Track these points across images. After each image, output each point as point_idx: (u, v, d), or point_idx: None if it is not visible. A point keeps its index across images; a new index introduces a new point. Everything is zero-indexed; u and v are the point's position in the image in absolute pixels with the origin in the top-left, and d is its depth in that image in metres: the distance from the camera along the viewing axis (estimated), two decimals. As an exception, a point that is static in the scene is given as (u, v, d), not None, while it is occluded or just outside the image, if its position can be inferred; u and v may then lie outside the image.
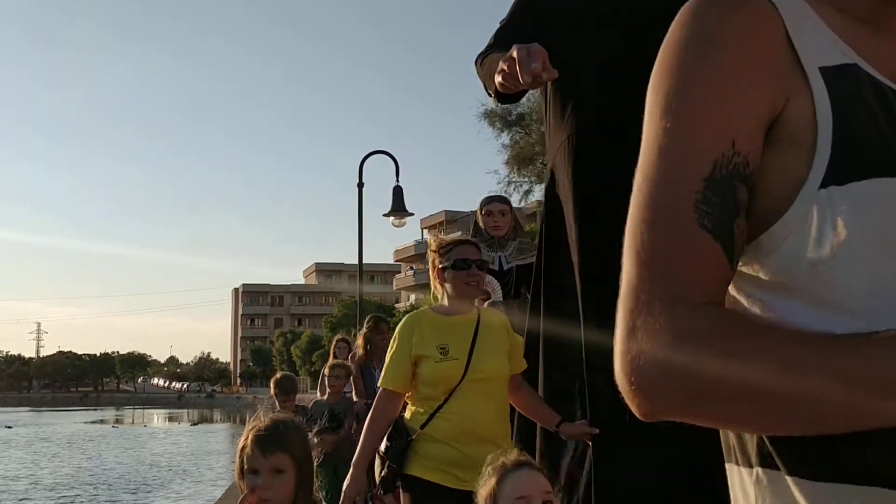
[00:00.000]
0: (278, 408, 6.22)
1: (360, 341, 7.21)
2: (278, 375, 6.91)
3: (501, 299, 5.87)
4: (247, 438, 2.28)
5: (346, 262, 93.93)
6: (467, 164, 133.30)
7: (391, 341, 3.38)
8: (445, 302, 3.37)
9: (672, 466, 2.59)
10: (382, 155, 15.16)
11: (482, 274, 3.37)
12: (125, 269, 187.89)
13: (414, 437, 3.20)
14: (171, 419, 63.04)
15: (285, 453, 2.25)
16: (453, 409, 3.19)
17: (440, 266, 3.33)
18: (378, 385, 3.33)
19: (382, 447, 3.23)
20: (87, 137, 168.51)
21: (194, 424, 53.55)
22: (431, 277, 3.41)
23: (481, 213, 6.00)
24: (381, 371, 6.76)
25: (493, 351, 3.29)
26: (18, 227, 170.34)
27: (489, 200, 6.09)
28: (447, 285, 3.33)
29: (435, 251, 3.37)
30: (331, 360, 7.55)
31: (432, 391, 3.22)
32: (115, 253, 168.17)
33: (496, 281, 5.92)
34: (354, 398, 7.20)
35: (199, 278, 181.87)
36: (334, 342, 9.00)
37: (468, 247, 3.38)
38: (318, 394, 6.95)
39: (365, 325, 7.18)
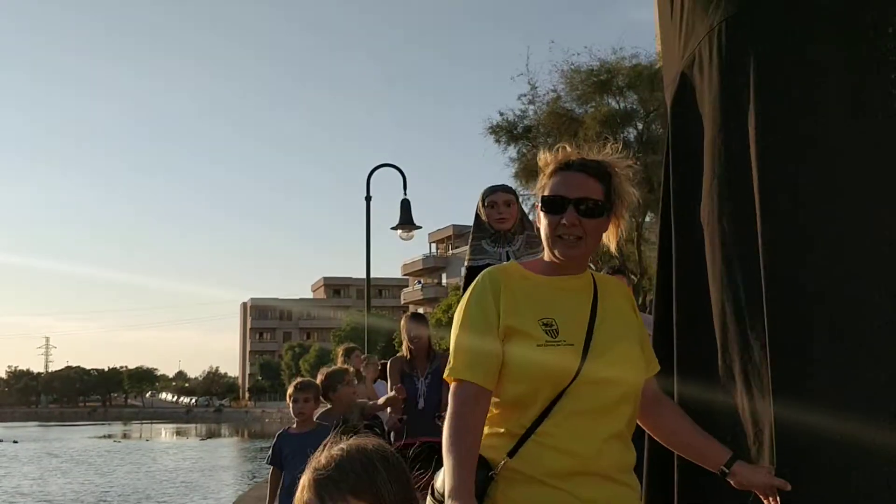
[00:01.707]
0: (293, 414, 5.27)
1: (404, 340, 5.92)
2: (298, 379, 5.63)
3: None
4: (304, 487, 1.56)
5: (353, 276, 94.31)
6: (475, 178, 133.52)
7: (460, 309, 2.18)
8: (545, 255, 2.20)
9: None
10: (390, 168, 15.17)
11: (588, 225, 2.11)
12: (134, 286, 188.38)
13: (495, 471, 2.01)
14: (179, 434, 62.96)
15: (362, 501, 1.50)
16: (559, 427, 2.01)
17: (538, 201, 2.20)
18: (449, 376, 2.09)
19: (441, 484, 2.02)
20: (92, 163, 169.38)
21: (203, 439, 53.45)
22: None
23: (483, 204, 5.43)
24: (426, 379, 5.92)
25: (620, 336, 2.13)
26: (27, 252, 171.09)
27: (492, 190, 5.50)
28: (542, 231, 2.18)
29: (541, 171, 2.23)
30: (339, 365, 6.73)
31: (527, 392, 2.02)
32: (126, 278, 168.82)
33: None
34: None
35: (208, 294, 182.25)
36: (342, 349, 8.05)
37: (571, 175, 2.13)
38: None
39: (405, 320, 5.93)
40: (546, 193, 2.15)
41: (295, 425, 5.33)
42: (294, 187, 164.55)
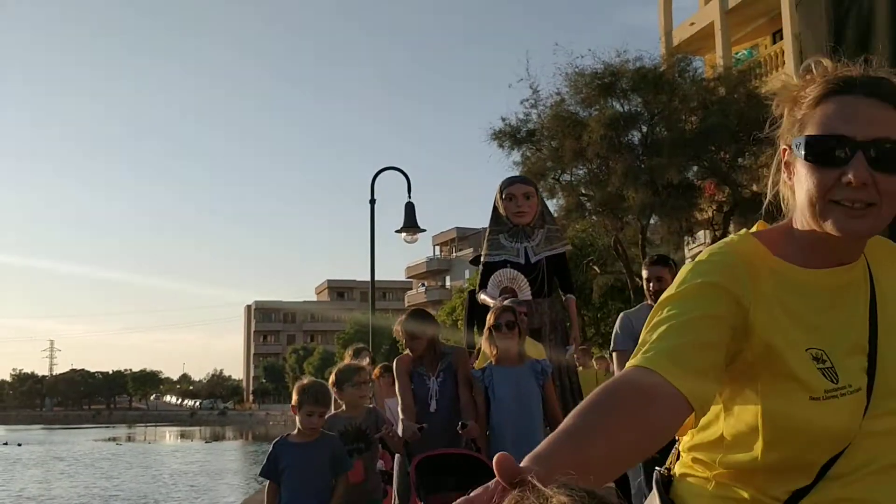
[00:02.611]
0: (299, 424, 4.59)
1: (402, 334, 5.03)
2: (306, 381, 4.76)
3: (530, 297, 5.24)
4: None
5: (357, 279, 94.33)
6: (479, 181, 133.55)
7: (674, 287, 1.38)
8: (797, 223, 1.40)
9: None
10: (394, 171, 15.20)
11: (887, 184, 1.29)
12: (138, 288, 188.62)
13: None
14: (183, 436, 63.02)
15: None
16: (832, 493, 1.33)
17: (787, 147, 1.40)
18: (638, 361, 1.27)
19: None
20: (98, 161, 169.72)
21: (208, 442, 53.49)
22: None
23: (501, 196, 5.18)
24: (438, 378, 5.01)
25: None
26: (31, 252, 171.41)
27: (510, 182, 5.24)
28: (800, 192, 1.37)
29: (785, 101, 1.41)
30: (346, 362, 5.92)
31: (791, 457, 1.33)
32: (130, 280, 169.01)
33: (522, 276, 5.26)
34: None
35: (212, 296, 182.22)
36: (351, 350, 7.35)
37: (856, 103, 1.30)
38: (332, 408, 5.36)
39: (405, 318, 5.09)
40: (812, 132, 1.31)
41: (296, 433, 4.66)
42: (297, 190, 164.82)
